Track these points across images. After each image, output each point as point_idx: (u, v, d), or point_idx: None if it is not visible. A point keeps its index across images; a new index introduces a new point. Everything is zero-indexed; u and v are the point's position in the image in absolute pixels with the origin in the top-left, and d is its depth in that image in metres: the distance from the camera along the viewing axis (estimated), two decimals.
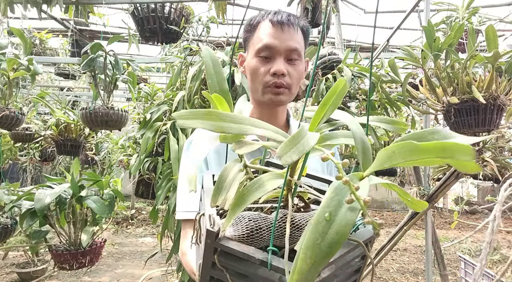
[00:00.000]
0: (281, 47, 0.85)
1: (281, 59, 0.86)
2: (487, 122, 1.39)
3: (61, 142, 2.88)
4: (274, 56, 0.86)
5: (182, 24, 2.56)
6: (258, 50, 0.86)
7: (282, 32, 0.86)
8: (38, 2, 2.24)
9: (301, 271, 0.31)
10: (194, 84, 1.64)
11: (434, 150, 0.29)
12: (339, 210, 0.33)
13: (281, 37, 0.85)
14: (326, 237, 0.31)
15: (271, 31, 0.86)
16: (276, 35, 0.85)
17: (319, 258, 0.31)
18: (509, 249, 4.81)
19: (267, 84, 0.87)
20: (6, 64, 2.12)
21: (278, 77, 0.85)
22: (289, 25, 0.86)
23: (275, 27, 0.86)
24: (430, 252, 2.08)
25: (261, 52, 0.86)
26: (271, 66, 0.86)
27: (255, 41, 0.89)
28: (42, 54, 3.97)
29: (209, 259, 0.44)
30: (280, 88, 0.86)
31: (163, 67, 3.82)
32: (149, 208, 7.09)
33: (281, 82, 0.86)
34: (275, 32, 0.86)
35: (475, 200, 7.48)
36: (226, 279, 0.43)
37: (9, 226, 2.07)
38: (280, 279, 0.40)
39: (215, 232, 0.42)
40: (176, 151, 1.53)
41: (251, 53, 0.89)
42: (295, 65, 0.88)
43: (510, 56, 1.39)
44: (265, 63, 0.87)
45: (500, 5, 3.29)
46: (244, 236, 0.43)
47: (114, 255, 4.59)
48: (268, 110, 0.94)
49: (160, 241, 1.82)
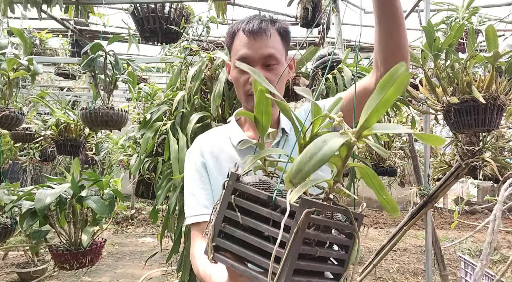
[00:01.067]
0: (256, 56, 0.88)
1: (258, 68, 0.88)
2: (487, 122, 1.39)
3: (61, 142, 2.88)
4: (251, 65, 0.86)
5: (182, 24, 2.56)
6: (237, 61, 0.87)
7: (254, 41, 0.88)
8: (38, 2, 2.25)
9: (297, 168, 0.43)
10: (194, 84, 1.64)
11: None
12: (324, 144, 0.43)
13: (254, 46, 0.88)
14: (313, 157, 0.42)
15: (244, 41, 0.88)
16: (249, 45, 0.88)
17: (307, 167, 0.42)
18: (509, 249, 4.81)
19: (248, 92, 0.91)
20: (6, 64, 2.12)
21: None
22: (261, 32, 0.88)
23: (247, 37, 0.88)
24: (430, 252, 2.08)
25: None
26: (249, 76, 0.87)
27: (233, 52, 0.92)
28: (42, 54, 3.97)
29: (227, 199, 0.54)
30: None
31: (163, 67, 3.82)
32: (149, 208, 7.09)
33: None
34: (248, 42, 0.88)
35: (475, 200, 7.48)
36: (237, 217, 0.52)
37: (9, 226, 2.06)
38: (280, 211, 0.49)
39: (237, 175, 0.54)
40: (176, 151, 1.53)
41: (232, 63, 0.93)
42: (273, 70, 0.90)
43: (510, 56, 1.39)
44: (244, 73, 0.90)
45: (500, 5, 3.29)
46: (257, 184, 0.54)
47: (114, 255, 4.59)
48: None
49: (160, 241, 1.82)
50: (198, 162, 0.94)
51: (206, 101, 1.71)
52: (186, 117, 1.62)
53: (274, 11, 3.59)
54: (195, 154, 0.96)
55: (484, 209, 6.60)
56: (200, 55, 1.75)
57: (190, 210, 0.89)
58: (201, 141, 0.99)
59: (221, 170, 0.92)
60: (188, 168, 0.96)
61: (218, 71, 1.61)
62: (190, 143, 1.57)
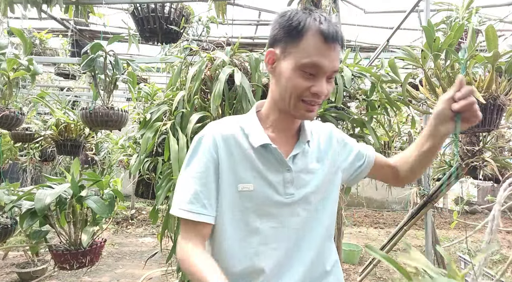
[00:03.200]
0: (328, 68, 0.80)
1: (324, 79, 0.82)
2: (487, 122, 1.39)
3: (61, 142, 2.88)
4: (318, 74, 0.81)
5: (182, 24, 2.56)
6: (304, 65, 0.80)
7: (332, 51, 0.80)
8: (38, 2, 2.24)
9: None
10: (194, 84, 1.64)
11: None
12: None
13: (330, 56, 0.80)
14: None
15: (322, 47, 0.79)
16: (326, 53, 0.79)
17: None
18: (509, 249, 4.81)
19: (303, 98, 0.83)
20: (6, 64, 2.12)
21: (318, 96, 0.82)
22: (338, 42, 0.81)
23: (325, 43, 0.79)
24: (430, 252, 2.08)
25: (306, 68, 0.80)
26: (313, 84, 0.81)
27: (300, 53, 0.80)
28: (42, 54, 3.96)
29: None
30: (315, 105, 0.85)
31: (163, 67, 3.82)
32: (149, 208, 7.09)
33: (318, 101, 0.84)
34: (326, 49, 0.79)
35: (475, 200, 7.48)
36: None
37: (9, 226, 2.07)
38: None
39: None
40: (176, 151, 1.53)
41: (292, 62, 0.81)
42: (331, 83, 0.86)
43: (510, 56, 1.39)
44: (308, 79, 0.81)
45: (500, 5, 3.29)
46: None
47: (114, 255, 4.59)
48: (291, 120, 0.92)
49: (160, 241, 1.82)
50: (208, 153, 0.86)
51: (206, 101, 1.71)
52: (186, 117, 1.62)
53: (274, 11, 3.58)
54: (208, 144, 0.87)
55: (484, 209, 6.59)
56: (200, 55, 1.75)
57: (186, 204, 0.83)
58: (216, 130, 0.89)
59: (234, 169, 0.86)
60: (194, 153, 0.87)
61: (218, 71, 1.61)
62: (190, 143, 1.57)
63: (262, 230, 0.86)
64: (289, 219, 0.88)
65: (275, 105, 0.90)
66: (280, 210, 0.88)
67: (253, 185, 0.86)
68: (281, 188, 0.88)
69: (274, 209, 0.87)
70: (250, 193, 0.86)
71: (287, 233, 0.88)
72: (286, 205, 0.88)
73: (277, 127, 0.92)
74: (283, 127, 0.92)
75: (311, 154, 0.94)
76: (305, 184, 0.91)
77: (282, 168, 0.88)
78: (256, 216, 0.86)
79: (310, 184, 0.92)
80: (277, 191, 0.87)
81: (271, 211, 0.87)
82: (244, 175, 0.86)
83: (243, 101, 1.57)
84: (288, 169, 0.88)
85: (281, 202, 0.88)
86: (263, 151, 0.88)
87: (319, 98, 0.83)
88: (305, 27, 0.79)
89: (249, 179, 0.86)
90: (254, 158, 0.87)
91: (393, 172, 1.06)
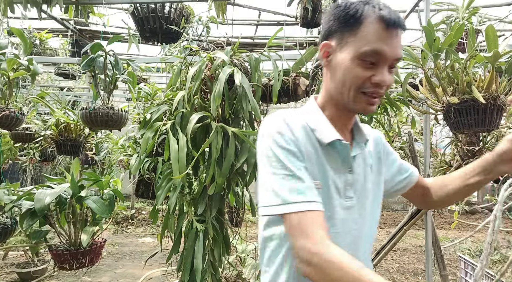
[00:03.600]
0: (391, 55, 0.75)
1: (385, 68, 0.76)
2: (487, 122, 1.39)
3: (61, 142, 2.88)
4: (379, 63, 0.75)
5: (182, 24, 2.56)
6: (363, 53, 0.74)
7: (394, 38, 0.75)
8: (38, 2, 2.24)
9: None
10: (194, 84, 1.63)
11: None
12: None
13: (392, 43, 0.74)
14: None
15: (383, 34, 0.74)
16: (388, 40, 0.74)
17: None
18: (509, 249, 4.81)
19: (363, 90, 0.77)
20: (6, 64, 2.12)
21: (380, 87, 0.76)
22: (401, 29, 0.75)
23: (386, 30, 0.73)
24: (430, 252, 2.08)
25: (366, 57, 0.74)
26: (374, 74, 0.75)
27: (358, 41, 0.75)
28: (42, 54, 3.96)
29: None
30: (376, 98, 0.78)
31: (163, 67, 3.83)
32: (149, 208, 7.09)
33: (380, 92, 0.77)
34: (387, 36, 0.74)
35: (475, 200, 7.48)
36: None
37: (9, 226, 2.06)
38: None
39: None
40: (176, 151, 1.53)
41: (350, 52, 0.76)
42: (392, 73, 0.79)
43: (510, 56, 1.39)
44: (368, 69, 0.75)
45: (500, 5, 3.29)
46: None
47: (114, 255, 4.59)
48: (349, 114, 0.85)
49: (160, 241, 1.82)
50: (292, 143, 0.77)
51: (206, 101, 1.71)
52: (186, 117, 1.61)
53: (274, 11, 3.58)
54: (287, 137, 0.77)
55: (484, 209, 6.59)
56: (200, 55, 1.75)
57: (297, 196, 0.71)
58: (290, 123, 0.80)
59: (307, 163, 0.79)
60: (276, 147, 0.76)
61: (218, 71, 1.61)
62: (190, 143, 1.57)
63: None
64: (347, 224, 0.82)
65: (331, 99, 0.84)
66: (339, 213, 0.81)
67: (320, 183, 0.79)
68: (342, 190, 0.82)
69: (334, 212, 0.80)
70: (319, 191, 0.77)
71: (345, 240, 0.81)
72: (346, 208, 0.82)
73: (334, 122, 0.84)
74: (340, 123, 0.85)
75: (368, 156, 0.89)
76: (362, 188, 0.85)
77: (344, 169, 0.82)
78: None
79: (366, 188, 0.86)
80: (338, 192, 0.81)
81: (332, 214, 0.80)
82: (315, 172, 0.78)
83: (243, 101, 1.57)
84: (350, 170, 0.83)
85: (341, 205, 0.81)
86: (329, 148, 0.81)
87: (381, 88, 0.76)
88: (363, 14, 0.75)
89: (317, 177, 0.78)
90: (321, 155, 0.80)
91: (424, 193, 1.00)
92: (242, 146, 1.64)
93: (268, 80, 1.95)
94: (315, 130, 0.81)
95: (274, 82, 1.70)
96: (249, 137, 1.60)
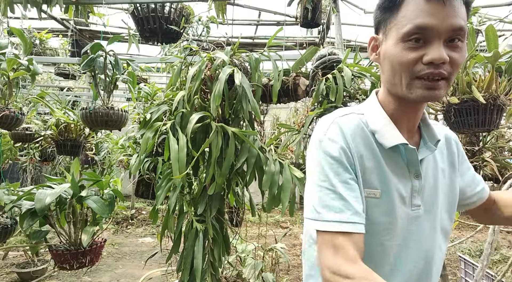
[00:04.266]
0: (442, 27, 0.64)
1: (440, 43, 0.65)
2: (487, 122, 1.39)
3: (61, 142, 2.88)
4: (429, 39, 0.65)
5: (182, 24, 2.56)
6: (406, 33, 0.65)
7: (442, 7, 0.63)
8: (38, 2, 2.25)
9: None
10: (194, 84, 1.64)
11: None
12: None
13: (440, 13, 0.63)
14: None
15: (425, 7, 0.64)
16: (433, 11, 0.64)
17: None
18: (509, 249, 4.81)
19: (417, 75, 0.66)
20: (6, 64, 2.12)
21: (436, 66, 0.65)
22: None
23: (431, 1, 0.64)
24: None
25: (410, 36, 0.65)
26: (425, 52, 0.65)
27: (399, 23, 0.67)
28: (42, 54, 3.97)
29: None
30: (438, 81, 0.66)
31: (163, 67, 3.83)
32: (149, 208, 7.09)
33: (439, 72, 0.65)
34: (431, 7, 0.64)
35: None
36: None
37: (9, 226, 2.06)
38: None
39: None
40: (176, 151, 1.53)
41: (393, 37, 0.68)
42: (458, 48, 0.66)
43: (510, 56, 1.39)
44: (415, 49, 0.66)
45: (500, 5, 3.29)
46: None
47: (114, 255, 4.59)
48: (413, 107, 0.74)
49: (160, 241, 1.82)
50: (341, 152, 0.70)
51: (206, 101, 1.71)
52: (186, 117, 1.61)
53: (274, 11, 3.58)
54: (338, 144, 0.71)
55: None
56: (200, 55, 1.75)
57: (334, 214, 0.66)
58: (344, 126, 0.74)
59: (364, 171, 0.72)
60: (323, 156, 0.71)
61: (218, 71, 1.61)
62: (190, 143, 1.57)
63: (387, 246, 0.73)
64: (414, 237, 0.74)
65: (389, 94, 0.76)
66: (403, 224, 0.73)
67: (380, 191, 0.72)
68: (408, 198, 0.74)
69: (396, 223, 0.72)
70: (377, 201, 0.71)
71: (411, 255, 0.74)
72: (412, 219, 0.74)
73: (397, 121, 0.75)
74: (405, 120, 0.76)
75: (439, 159, 0.81)
76: (432, 195, 0.77)
77: (410, 174, 0.75)
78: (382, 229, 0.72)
79: (437, 196, 0.78)
80: (403, 201, 0.73)
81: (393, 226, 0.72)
82: (372, 179, 0.72)
83: (243, 101, 1.57)
84: (417, 175, 0.75)
85: (406, 215, 0.73)
86: (391, 152, 0.74)
87: (440, 68, 0.65)
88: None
89: (376, 184, 0.72)
90: (381, 160, 0.73)
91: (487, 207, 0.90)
92: (242, 146, 1.64)
93: (268, 80, 1.95)
94: (375, 132, 0.74)
95: (274, 82, 1.70)
96: (249, 137, 1.60)
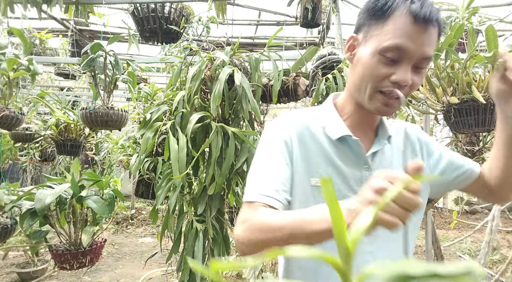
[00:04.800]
0: (416, 53, 0.68)
1: (408, 67, 0.69)
2: (487, 122, 1.39)
3: (61, 142, 2.88)
4: (401, 60, 0.69)
5: (182, 24, 2.56)
6: (385, 48, 0.69)
7: (422, 33, 0.67)
8: (38, 2, 2.25)
9: None
10: (194, 84, 1.64)
11: None
12: None
13: (419, 39, 0.68)
14: None
15: (409, 29, 0.67)
16: (414, 36, 0.67)
17: None
18: (509, 249, 4.81)
19: (381, 89, 0.71)
20: (6, 64, 2.12)
21: (399, 86, 0.70)
22: (433, 24, 0.68)
23: (415, 24, 0.67)
24: (430, 252, 2.08)
25: (387, 52, 0.69)
26: (394, 72, 0.70)
27: (382, 35, 0.69)
28: (42, 54, 3.97)
29: None
30: (396, 99, 0.71)
31: (163, 67, 3.83)
32: (149, 208, 7.09)
33: (399, 94, 0.70)
34: (414, 31, 0.67)
35: (475, 200, 7.48)
36: None
37: (9, 226, 2.07)
38: None
39: None
40: (176, 151, 1.53)
41: (372, 46, 0.71)
42: (420, 74, 0.72)
43: None
44: (388, 65, 0.70)
45: (500, 5, 3.29)
46: None
47: (114, 255, 4.59)
48: (369, 114, 0.80)
49: (160, 241, 1.82)
50: (281, 141, 0.78)
51: (206, 101, 1.71)
52: (186, 117, 1.62)
53: (274, 11, 3.59)
54: (281, 133, 0.79)
55: (484, 209, 6.59)
56: (200, 55, 1.75)
57: (258, 187, 0.73)
58: (289, 121, 0.82)
59: (308, 161, 0.77)
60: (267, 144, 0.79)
61: (218, 71, 1.61)
62: (190, 143, 1.57)
63: None
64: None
65: (351, 96, 0.80)
66: None
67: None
68: (357, 187, 0.77)
69: None
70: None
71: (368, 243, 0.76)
72: None
73: (354, 120, 0.81)
74: (361, 120, 0.81)
75: (393, 153, 0.83)
76: None
77: (360, 165, 0.78)
78: None
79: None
80: (352, 189, 0.77)
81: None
82: (320, 169, 0.76)
83: (243, 101, 1.57)
84: (366, 167, 0.78)
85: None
86: (340, 144, 0.78)
87: (402, 89, 0.70)
88: (392, 6, 0.69)
89: (323, 173, 0.76)
90: (329, 151, 0.77)
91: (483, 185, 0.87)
92: (242, 146, 1.64)
93: (268, 80, 1.95)
94: (325, 127, 0.80)
95: (274, 82, 1.70)
96: (249, 137, 1.60)
